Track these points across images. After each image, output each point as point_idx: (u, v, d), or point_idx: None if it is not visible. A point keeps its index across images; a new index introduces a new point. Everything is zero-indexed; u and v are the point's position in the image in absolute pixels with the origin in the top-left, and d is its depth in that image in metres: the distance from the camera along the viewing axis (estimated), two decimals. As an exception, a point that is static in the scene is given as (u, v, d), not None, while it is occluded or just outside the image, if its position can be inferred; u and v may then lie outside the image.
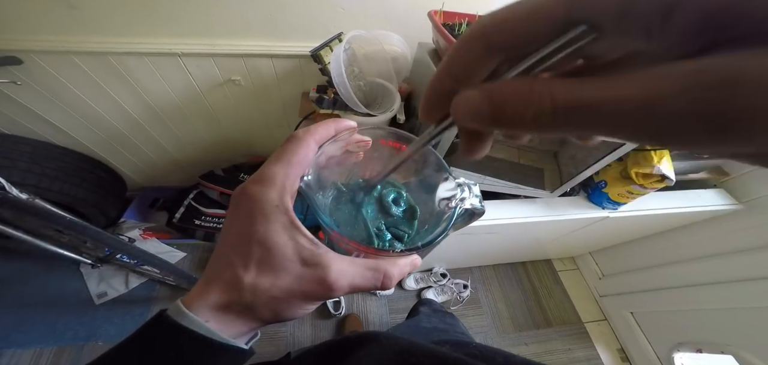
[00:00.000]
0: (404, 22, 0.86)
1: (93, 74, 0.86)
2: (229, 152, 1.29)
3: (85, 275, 1.21)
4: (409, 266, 0.20)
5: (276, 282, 0.17)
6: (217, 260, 0.19)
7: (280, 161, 0.19)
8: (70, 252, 1.05)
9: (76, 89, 0.89)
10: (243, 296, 0.17)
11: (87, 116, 0.98)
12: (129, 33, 0.79)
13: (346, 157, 0.23)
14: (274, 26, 0.83)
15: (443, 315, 0.71)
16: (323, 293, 0.18)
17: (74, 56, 0.80)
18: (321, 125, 0.21)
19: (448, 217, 0.20)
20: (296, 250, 0.18)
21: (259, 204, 0.18)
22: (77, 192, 1.02)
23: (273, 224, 0.17)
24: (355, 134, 0.22)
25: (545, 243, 1.37)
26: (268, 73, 0.95)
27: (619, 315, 1.36)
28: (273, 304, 0.18)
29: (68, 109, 0.94)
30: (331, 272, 0.17)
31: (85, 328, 1.12)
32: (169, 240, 1.31)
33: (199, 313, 0.17)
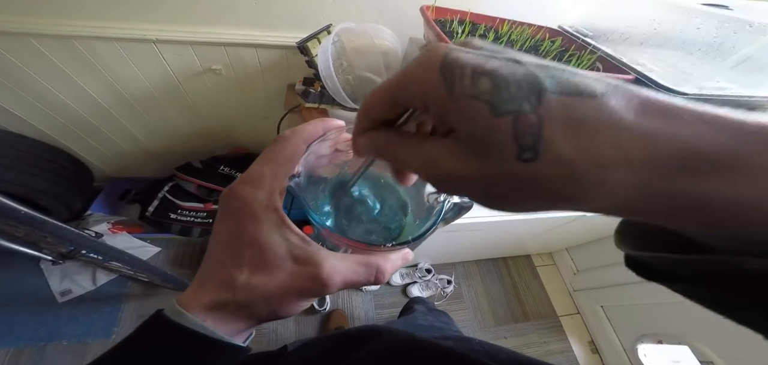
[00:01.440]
0: (396, 16, 0.84)
1: (55, 59, 0.78)
2: (208, 143, 1.23)
3: (45, 271, 1.13)
4: (400, 261, 0.21)
5: (269, 280, 0.17)
6: (210, 260, 0.19)
7: (269, 161, 0.19)
8: (28, 248, 0.97)
9: (36, 74, 0.81)
10: (238, 295, 0.17)
11: (48, 102, 0.90)
12: (98, 16, 0.73)
13: (335, 155, 0.24)
14: (260, 15, 0.80)
15: (438, 313, 0.72)
16: (317, 289, 0.18)
17: (33, 39, 0.73)
18: (309, 125, 0.21)
19: (437, 211, 0.21)
20: (288, 248, 0.18)
21: (248, 205, 0.18)
22: (36, 183, 0.94)
23: (264, 224, 0.18)
24: (343, 132, 0.22)
25: (525, 239, 1.43)
26: (251, 64, 0.90)
27: (590, 308, 1.44)
28: (267, 302, 0.18)
29: (26, 95, 0.86)
30: (323, 269, 0.18)
31: (45, 328, 1.05)
32: (142, 235, 1.24)
33: (196, 313, 0.17)
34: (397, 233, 0.24)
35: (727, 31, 0.63)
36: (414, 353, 0.26)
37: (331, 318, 1.24)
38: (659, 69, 0.67)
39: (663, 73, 0.65)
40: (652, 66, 0.68)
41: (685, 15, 0.70)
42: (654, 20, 0.75)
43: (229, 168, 1.22)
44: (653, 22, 0.75)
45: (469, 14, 0.73)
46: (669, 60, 0.71)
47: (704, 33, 0.66)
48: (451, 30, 0.68)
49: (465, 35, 0.66)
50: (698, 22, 0.68)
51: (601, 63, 0.72)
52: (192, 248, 1.30)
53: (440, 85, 0.12)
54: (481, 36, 0.71)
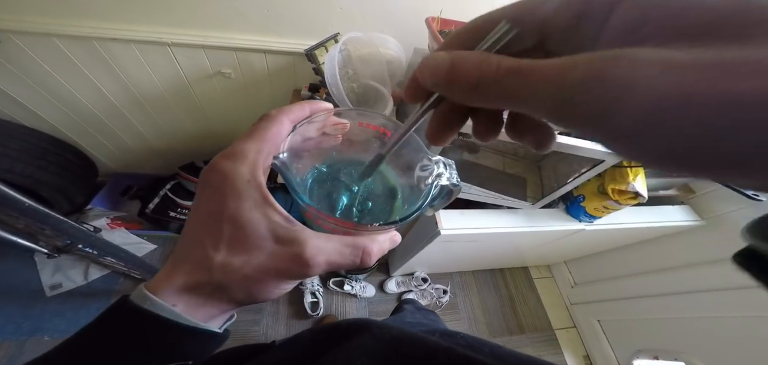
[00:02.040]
0: (402, 26, 0.87)
1: (75, 58, 0.81)
2: (212, 145, 1.24)
3: (38, 264, 1.12)
4: (388, 243, 0.20)
5: (249, 260, 0.16)
6: (186, 240, 0.18)
7: (252, 137, 0.18)
8: (25, 240, 0.97)
9: (55, 72, 0.84)
10: (213, 276, 0.16)
11: (62, 99, 0.92)
12: (117, 18, 0.76)
13: (324, 139, 0.23)
14: (270, 22, 0.82)
15: (427, 312, 0.72)
16: (299, 271, 0.17)
17: (56, 39, 0.76)
18: (295, 105, 0.21)
19: (425, 193, 0.21)
20: (270, 227, 0.17)
21: (229, 180, 0.17)
22: (41, 175, 0.95)
23: (245, 200, 0.16)
24: (331, 116, 0.22)
25: (524, 252, 1.43)
26: (260, 69, 0.93)
27: (587, 322, 1.43)
28: (246, 284, 0.17)
29: (43, 91, 0.88)
30: (307, 249, 0.16)
31: (29, 322, 1.03)
32: (140, 231, 1.24)
33: (166, 297, 0.16)
34: (387, 216, 0.24)
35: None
36: (402, 347, 0.26)
37: (324, 323, 1.22)
38: None
39: None
40: None
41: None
42: None
43: (231, 167, 1.23)
44: None
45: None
46: None
47: None
48: None
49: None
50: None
51: None
52: (189, 247, 1.29)
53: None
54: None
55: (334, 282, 1.30)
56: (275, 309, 1.23)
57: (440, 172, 0.21)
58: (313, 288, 1.25)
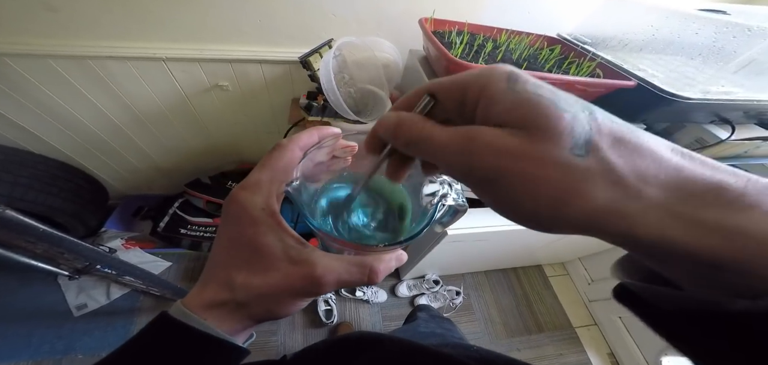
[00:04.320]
0: (396, 29, 0.85)
1: (72, 79, 0.82)
2: (216, 159, 1.26)
3: (62, 286, 1.16)
4: (394, 261, 0.21)
5: (266, 280, 0.18)
6: (212, 262, 0.20)
7: (265, 168, 0.20)
8: (46, 264, 1.00)
9: (54, 94, 0.85)
10: (236, 294, 0.18)
11: (65, 121, 0.94)
12: (111, 36, 0.76)
13: (334, 162, 0.25)
14: (264, 32, 0.82)
15: (441, 320, 0.70)
16: (311, 288, 0.19)
17: (52, 60, 0.77)
18: (304, 133, 0.22)
19: (430, 213, 0.22)
20: (283, 249, 0.19)
21: (246, 209, 0.19)
22: (54, 202, 0.98)
23: (260, 226, 0.19)
24: (340, 140, 0.23)
25: (536, 250, 1.38)
26: (256, 79, 0.93)
27: (608, 319, 1.37)
28: (264, 301, 0.19)
29: (45, 114, 0.90)
30: (317, 269, 0.18)
31: (62, 341, 1.08)
32: (154, 250, 1.26)
33: (197, 312, 0.18)
34: (395, 235, 0.25)
35: (726, 36, 0.63)
36: (415, 362, 0.26)
37: (339, 330, 1.22)
38: (661, 74, 0.66)
39: (665, 79, 0.64)
40: (653, 71, 0.67)
41: (682, 21, 0.70)
42: (651, 26, 0.75)
43: (236, 183, 1.24)
44: (651, 28, 0.75)
45: (467, 25, 0.73)
46: (670, 65, 0.70)
47: (703, 38, 0.66)
48: (449, 41, 0.68)
49: (463, 46, 0.65)
50: (696, 28, 0.68)
51: (602, 69, 0.70)
52: (202, 262, 1.31)
53: (504, 81, 0.14)
54: (480, 46, 0.70)
55: (347, 290, 1.30)
56: (291, 319, 1.24)
57: (446, 192, 0.22)
58: (326, 296, 1.26)
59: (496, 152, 0.13)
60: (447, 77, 0.16)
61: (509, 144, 0.13)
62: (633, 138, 0.12)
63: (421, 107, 0.17)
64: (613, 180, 0.12)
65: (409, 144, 0.16)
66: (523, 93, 0.13)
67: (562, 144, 0.12)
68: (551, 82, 0.53)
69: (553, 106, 0.12)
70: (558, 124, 0.12)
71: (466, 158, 0.14)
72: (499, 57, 0.68)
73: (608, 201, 0.12)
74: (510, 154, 0.13)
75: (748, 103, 0.63)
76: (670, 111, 0.63)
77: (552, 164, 0.12)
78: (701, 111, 0.66)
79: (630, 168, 0.12)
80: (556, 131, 0.12)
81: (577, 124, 0.12)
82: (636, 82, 0.64)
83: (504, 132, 0.13)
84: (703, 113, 0.67)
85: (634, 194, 0.11)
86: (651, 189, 0.11)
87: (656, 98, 0.61)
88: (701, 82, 0.63)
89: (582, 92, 0.63)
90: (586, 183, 0.12)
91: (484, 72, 0.14)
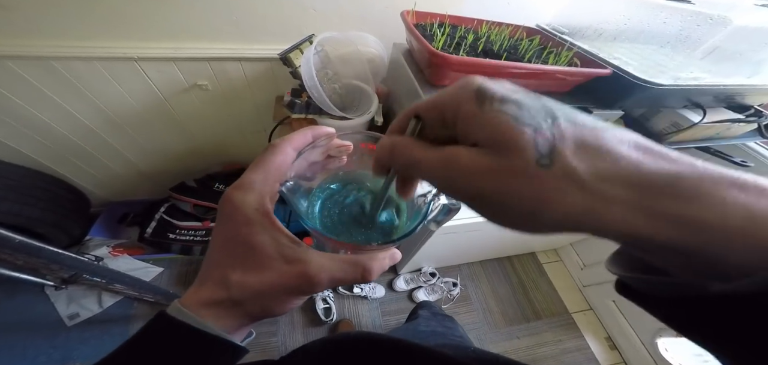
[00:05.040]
0: (380, 22, 0.83)
1: (34, 81, 0.77)
2: (201, 161, 1.22)
3: (51, 297, 1.14)
4: (388, 260, 0.22)
5: (261, 278, 0.18)
6: (208, 262, 0.20)
7: (258, 168, 0.21)
8: (30, 275, 0.98)
9: (16, 97, 0.80)
10: (232, 293, 0.18)
11: (32, 126, 0.88)
12: (75, 35, 0.72)
13: (328, 161, 0.25)
14: (241, 29, 0.78)
15: (442, 318, 0.70)
16: (305, 287, 0.19)
17: (9, 61, 0.72)
18: (298, 133, 0.22)
19: (423, 213, 0.22)
20: (277, 248, 0.19)
21: (240, 209, 0.19)
22: (31, 212, 0.94)
23: (254, 226, 0.19)
24: (334, 139, 0.24)
25: (529, 237, 1.38)
26: (237, 77, 0.89)
27: (602, 303, 1.38)
28: (259, 299, 0.19)
29: (10, 120, 0.85)
30: (311, 267, 0.19)
31: (58, 351, 1.06)
32: (144, 256, 1.24)
33: (195, 310, 0.18)
34: (390, 233, 0.25)
35: (690, 25, 0.67)
36: (411, 361, 0.27)
37: (339, 328, 1.22)
38: (635, 62, 0.68)
39: (639, 66, 0.66)
40: (627, 59, 0.69)
41: (651, 10, 0.73)
42: (623, 16, 0.78)
43: (224, 185, 1.21)
44: (623, 18, 0.78)
45: (449, 17, 0.73)
46: (644, 53, 0.73)
47: (670, 27, 0.69)
48: (431, 33, 0.67)
49: (444, 37, 0.65)
50: (664, 17, 0.71)
51: (579, 59, 0.71)
52: (195, 266, 1.29)
53: (473, 102, 0.14)
54: (461, 37, 0.70)
55: (344, 287, 1.29)
56: (290, 318, 1.24)
57: (437, 191, 0.22)
58: (324, 294, 1.26)
59: (472, 173, 0.14)
60: (429, 98, 0.17)
61: (482, 164, 0.14)
62: (594, 140, 0.13)
63: (411, 130, 0.17)
64: (579, 184, 0.12)
65: (404, 168, 0.17)
66: (488, 112, 0.14)
67: (527, 158, 0.13)
68: (531, 72, 0.62)
69: (515, 122, 0.13)
70: (520, 139, 0.13)
71: (448, 180, 0.15)
72: (480, 48, 0.69)
73: (577, 204, 0.12)
74: (484, 174, 0.14)
75: (715, 87, 0.66)
76: (645, 97, 0.66)
77: (521, 177, 0.13)
78: (674, 97, 0.68)
79: (592, 170, 0.12)
80: (518, 146, 0.13)
81: (539, 135, 0.13)
82: (612, 70, 0.65)
83: (478, 153, 0.14)
84: (676, 98, 0.70)
85: (598, 194, 0.12)
86: (613, 188, 0.12)
87: (631, 85, 0.63)
88: (671, 69, 0.66)
89: (561, 81, 0.67)
90: (555, 192, 0.13)
91: (455, 92, 0.15)
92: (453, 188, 0.15)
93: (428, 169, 0.16)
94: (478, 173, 0.14)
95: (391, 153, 0.17)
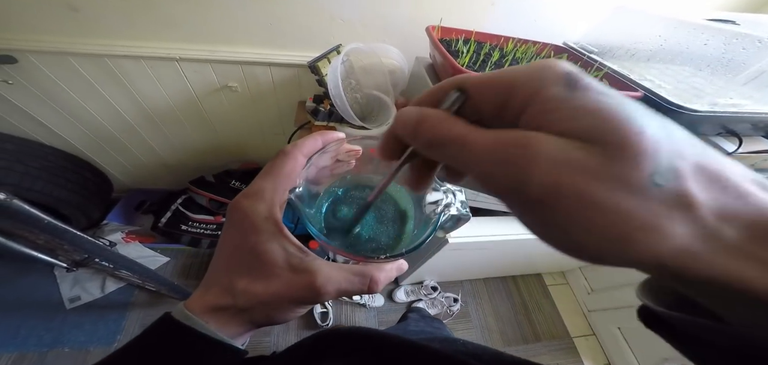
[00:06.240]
0: (403, 35, 0.87)
1: (88, 76, 0.84)
2: (221, 158, 1.27)
3: (58, 278, 1.16)
4: (395, 271, 0.22)
5: (267, 287, 0.19)
6: (215, 267, 0.21)
7: (269, 175, 0.21)
8: (46, 255, 1.00)
9: (70, 90, 0.87)
10: (237, 300, 0.19)
11: (78, 116, 0.96)
12: (128, 36, 0.79)
13: (337, 166, 0.24)
14: (274, 35, 0.84)
15: (431, 320, 0.71)
16: (312, 297, 0.19)
17: (71, 57, 0.79)
18: (308, 139, 0.22)
19: (434, 222, 0.21)
20: (285, 258, 0.19)
21: (250, 217, 0.19)
22: (60, 193, 0.99)
23: (263, 234, 0.19)
24: (343, 144, 0.23)
25: (536, 259, 1.39)
26: (265, 81, 0.95)
27: (607, 330, 1.37)
28: (265, 308, 0.19)
29: (59, 109, 0.92)
30: (318, 278, 0.19)
31: (51, 334, 1.06)
32: (153, 245, 1.27)
33: (200, 315, 0.19)
34: (397, 242, 0.25)
35: (735, 47, 0.62)
36: (403, 357, 0.26)
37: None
38: (668, 85, 0.65)
39: (672, 90, 0.63)
40: (660, 82, 0.66)
41: (690, 31, 0.68)
42: (659, 36, 0.74)
43: (240, 182, 1.25)
44: (659, 39, 0.74)
45: (474, 34, 0.74)
46: (678, 76, 0.68)
47: (712, 49, 0.65)
48: (456, 49, 0.69)
49: (470, 54, 0.65)
50: (705, 38, 0.66)
51: (608, 80, 0.69)
52: (200, 259, 1.32)
53: (561, 84, 0.11)
54: (486, 54, 0.71)
55: (344, 293, 1.30)
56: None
57: (449, 202, 0.22)
58: (323, 298, 1.26)
59: (559, 166, 0.10)
60: (484, 73, 0.14)
61: (578, 159, 0.10)
62: (715, 166, 0.10)
63: (449, 104, 0.14)
64: (693, 217, 0.10)
65: (433, 145, 0.14)
66: (588, 100, 0.11)
67: (642, 167, 0.10)
68: None
69: (630, 118, 0.10)
70: (639, 141, 0.10)
71: (516, 169, 0.11)
72: (506, 65, 0.69)
73: (684, 240, 0.10)
74: (577, 170, 0.10)
75: (756, 115, 0.61)
76: (678, 123, 0.63)
77: (627, 189, 0.10)
78: (708, 123, 0.63)
79: (713, 203, 0.10)
80: (637, 149, 0.10)
81: (661, 144, 0.10)
82: (642, 93, 0.63)
83: (568, 143, 0.11)
84: (710, 125, 0.64)
85: (711, 233, 0.10)
86: (730, 229, 0.10)
87: (663, 109, 0.59)
88: (710, 93, 0.61)
89: None
90: (663, 219, 0.10)
91: (535, 71, 0.12)
92: (520, 181, 0.11)
93: (480, 151, 0.12)
94: (568, 167, 0.10)
95: (418, 125, 0.14)
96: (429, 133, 0.14)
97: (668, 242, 0.10)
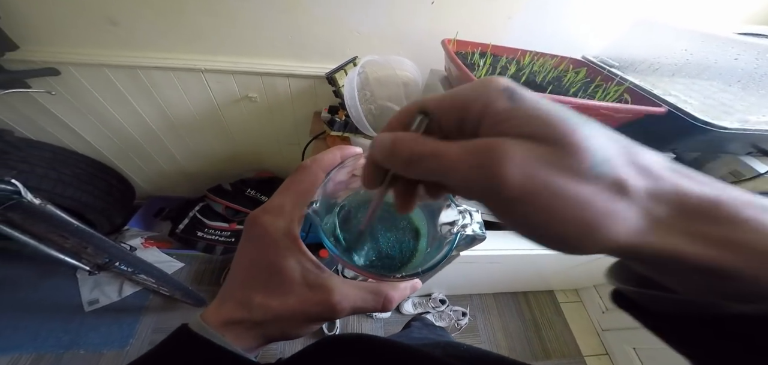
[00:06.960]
0: (418, 48, 0.88)
1: (120, 86, 0.90)
2: (238, 166, 1.31)
3: (80, 281, 1.20)
4: (409, 290, 0.22)
5: (283, 303, 0.19)
6: (232, 281, 0.21)
7: (289, 192, 0.21)
8: (71, 258, 1.04)
9: (104, 100, 0.93)
10: (253, 314, 0.19)
11: (108, 125, 1.02)
12: (159, 48, 0.84)
13: (353, 180, 0.24)
14: (294, 47, 0.87)
15: (434, 328, 0.70)
16: (327, 314, 0.19)
17: (107, 69, 0.85)
18: (327, 153, 0.23)
19: (450, 242, 0.21)
20: (302, 274, 0.19)
21: (269, 233, 0.20)
22: (87, 199, 1.03)
23: (281, 250, 0.19)
24: (360, 158, 0.23)
25: (548, 275, 1.36)
26: (283, 92, 0.99)
27: (621, 349, 1.32)
28: (280, 323, 0.19)
29: (93, 118, 0.98)
30: (334, 295, 0.19)
31: (68, 336, 1.09)
32: (170, 250, 1.30)
33: (216, 327, 0.19)
34: (409, 259, 0.24)
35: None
36: (405, 363, 0.26)
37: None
38: (695, 101, 0.62)
39: (699, 106, 0.59)
40: (685, 97, 0.63)
41: (719, 45, 0.65)
42: (685, 51, 0.70)
43: (255, 191, 1.29)
44: (684, 53, 0.70)
45: (491, 47, 0.73)
46: (706, 91, 0.65)
47: (743, 63, 0.61)
48: (472, 62, 0.68)
49: (486, 68, 0.64)
50: (735, 53, 0.63)
51: (630, 94, 0.67)
52: (213, 265, 1.34)
53: (504, 99, 0.13)
54: (503, 67, 0.70)
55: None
56: None
57: (466, 222, 0.21)
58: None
59: (525, 161, 0.11)
60: (439, 94, 0.15)
61: (538, 155, 0.11)
62: (638, 154, 0.12)
63: (416, 125, 0.15)
64: (631, 200, 0.11)
65: (410, 163, 0.14)
66: (528, 108, 0.12)
67: (584, 159, 0.11)
68: (576, 107, 0.43)
69: (563, 119, 0.12)
70: (575, 138, 0.11)
71: (489, 172, 0.12)
72: (522, 79, 0.67)
73: (630, 222, 0.11)
74: (541, 164, 0.11)
75: None
76: (704, 140, 0.59)
77: (582, 179, 0.11)
78: (738, 141, 0.61)
79: (644, 186, 0.12)
80: (576, 146, 0.11)
81: (591, 139, 0.12)
82: (666, 109, 0.60)
83: (525, 143, 0.12)
84: (740, 143, 0.62)
85: (648, 213, 0.12)
86: (661, 208, 0.12)
87: (689, 126, 0.56)
88: (740, 110, 0.58)
89: (607, 117, 0.60)
90: (613, 204, 0.11)
91: (480, 88, 0.14)
92: (494, 183, 0.12)
93: (454, 161, 0.13)
94: (535, 164, 0.11)
95: (393, 147, 0.15)
96: (405, 152, 0.14)
97: (622, 225, 0.11)
